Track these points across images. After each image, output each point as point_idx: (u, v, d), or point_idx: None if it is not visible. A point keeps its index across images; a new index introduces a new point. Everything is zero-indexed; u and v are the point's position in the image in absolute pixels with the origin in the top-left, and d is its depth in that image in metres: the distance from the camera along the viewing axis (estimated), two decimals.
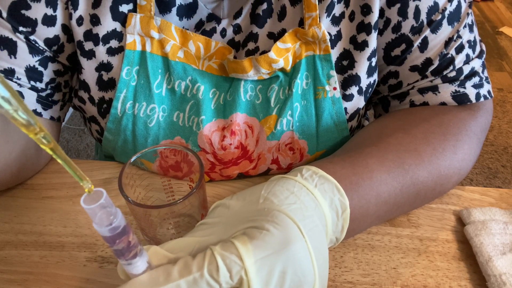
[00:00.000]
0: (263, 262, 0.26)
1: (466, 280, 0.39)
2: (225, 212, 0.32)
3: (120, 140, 0.47)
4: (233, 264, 0.26)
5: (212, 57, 0.46)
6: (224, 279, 0.25)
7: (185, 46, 0.45)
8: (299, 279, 0.27)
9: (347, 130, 0.48)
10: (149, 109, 0.45)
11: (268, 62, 0.44)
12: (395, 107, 0.51)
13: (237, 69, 0.44)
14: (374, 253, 0.41)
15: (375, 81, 0.48)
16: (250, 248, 0.26)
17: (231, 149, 0.46)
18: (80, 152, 1.70)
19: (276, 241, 0.27)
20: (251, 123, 0.47)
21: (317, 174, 0.34)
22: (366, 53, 0.45)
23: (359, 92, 0.47)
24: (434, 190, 0.42)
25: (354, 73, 0.46)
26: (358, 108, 0.48)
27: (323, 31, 0.43)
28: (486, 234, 0.40)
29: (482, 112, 0.47)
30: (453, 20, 0.44)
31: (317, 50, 0.45)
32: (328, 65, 0.45)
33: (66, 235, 0.42)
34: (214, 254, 0.26)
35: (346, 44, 0.46)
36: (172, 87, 0.45)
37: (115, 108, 0.45)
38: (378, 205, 0.37)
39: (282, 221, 0.28)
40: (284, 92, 0.46)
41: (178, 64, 0.45)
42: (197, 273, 0.25)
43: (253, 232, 0.28)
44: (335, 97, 0.46)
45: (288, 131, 0.46)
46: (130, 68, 0.44)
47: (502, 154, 1.67)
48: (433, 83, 0.47)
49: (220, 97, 0.47)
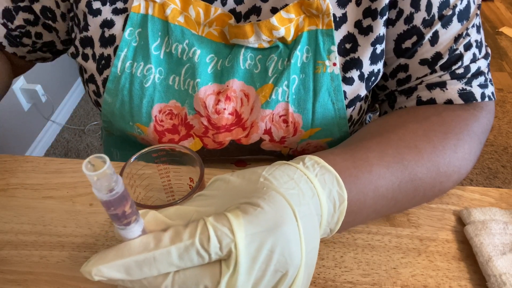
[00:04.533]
0: (253, 238, 0.26)
1: (466, 280, 0.39)
2: (223, 186, 0.32)
3: (118, 101, 0.48)
4: (224, 236, 0.26)
5: (212, 24, 0.47)
6: (214, 249, 0.26)
7: (185, 10, 0.46)
8: (285, 261, 0.27)
9: (344, 111, 0.48)
10: (146, 69, 0.46)
11: (269, 28, 0.44)
12: (401, 103, 0.50)
13: (238, 34, 0.45)
14: (374, 253, 0.41)
15: (380, 71, 0.48)
16: (242, 222, 0.26)
17: (225, 115, 0.47)
18: (80, 152, 1.70)
19: (269, 220, 0.27)
20: (247, 91, 0.47)
21: (319, 164, 0.34)
22: (370, 38, 0.45)
23: (360, 78, 0.47)
24: (433, 188, 0.42)
25: (356, 56, 0.46)
26: (359, 95, 0.48)
27: (327, 4, 0.44)
28: (486, 234, 0.40)
29: (485, 114, 0.47)
30: (463, 18, 0.45)
31: (319, 24, 0.45)
32: (329, 40, 0.45)
33: (66, 235, 0.42)
34: (207, 224, 0.26)
35: (351, 28, 0.46)
36: (169, 50, 0.47)
37: (115, 66, 0.47)
38: (376, 198, 0.37)
39: (278, 201, 0.29)
40: (282, 63, 0.46)
41: (177, 28, 0.46)
42: (188, 241, 0.25)
43: (247, 207, 0.28)
44: (334, 73, 0.46)
45: (283, 102, 0.46)
46: (133, 30, 0.47)
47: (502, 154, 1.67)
48: (442, 79, 0.47)
49: (218, 62, 0.47)
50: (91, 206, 0.45)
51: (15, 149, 1.56)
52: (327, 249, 0.41)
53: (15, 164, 0.51)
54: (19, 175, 0.49)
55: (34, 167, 0.50)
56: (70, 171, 0.49)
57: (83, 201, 0.46)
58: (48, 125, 1.75)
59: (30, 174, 0.49)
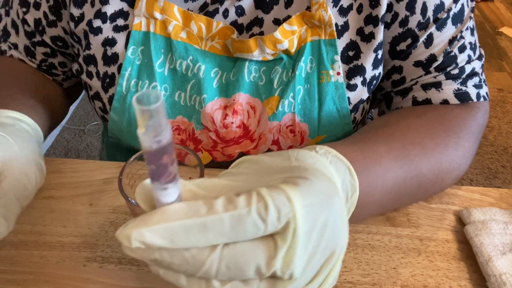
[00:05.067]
0: (309, 209, 0.24)
1: (466, 280, 0.39)
2: (253, 166, 0.29)
3: (125, 119, 0.48)
4: (283, 205, 0.23)
5: (214, 37, 0.47)
6: (272, 219, 0.23)
7: (187, 26, 0.46)
8: (334, 237, 0.25)
9: (348, 117, 0.48)
10: (151, 87, 0.47)
11: (273, 42, 0.44)
12: (397, 104, 0.51)
13: (242, 49, 0.45)
14: (374, 253, 0.41)
15: (380, 74, 0.49)
16: (298, 193, 0.24)
17: (233, 128, 0.47)
18: (80, 152, 1.70)
19: (322, 192, 0.26)
20: (253, 103, 0.47)
21: (330, 153, 0.32)
22: (373, 45, 0.46)
23: (363, 83, 0.47)
24: (434, 184, 0.42)
25: (359, 63, 0.46)
26: (362, 99, 0.48)
27: (329, 15, 0.44)
28: (486, 234, 0.40)
29: (481, 113, 0.48)
30: (457, 21, 0.46)
31: (322, 34, 0.46)
32: (332, 50, 0.46)
33: (66, 235, 0.42)
34: (262, 193, 0.23)
35: (353, 35, 0.46)
36: (174, 66, 0.47)
37: (120, 85, 0.47)
38: (383, 193, 0.37)
39: (323, 175, 0.27)
40: (287, 75, 0.47)
41: (180, 44, 0.47)
42: (244, 209, 0.22)
43: (296, 180, 0.25)
44: (338, 82, 0.46)
45: (290, 113, 0.47)
46: (136, 48, 0.47)
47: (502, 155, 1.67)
48: (437, 79, 0.47)
49: (223, 76, 0.48)
50: (91, 206, 0.45)
51: None
52: None
53: None
54: None
55: None
56: (70, 171, 0.49)
57: (83, 201, 0.46)
58: None
59: None
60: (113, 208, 0.45)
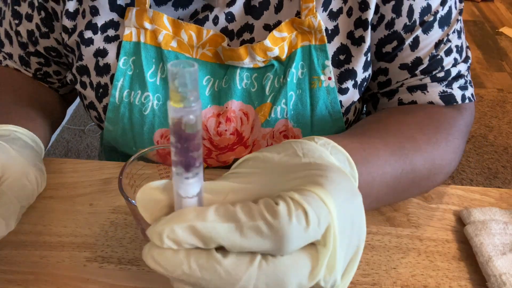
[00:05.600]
0: (339, 209, 0.23)
1: (466, 280, 0.39)
2: (260, 164, 0.27)
3: (119, 129, 0.49)
4: (321, 209, 0.21)
5: (205, 45, 0.47)
6: (314, 226, 0.21)
7: (177, 35, 0.46)
8: (359, 233, 0.25)
9: (341, 120, 0.48)
10: (144, 97, 0.47)
11: (263, 50, 0.44)
12: (383, 105, 0.51)
13: (233, 57, 0.45)
14: (374, 253, 0.41)
15: (370, 75, 0.49)
16: (328, 193, 0.22)
17: (227, 135, 0.47)
18: (80, 152, 1.70)
19: (346, 189, 0.24)
20: (246, 110, 0.48)
21: (329, 144, 0.31)
22: (363, 48, 0.46)
23: (354, 86, 0.47)
24: (427, 179, 0.42)
25: (350, 67, 0.47)
26: (353, 101, 0.48)
27: (319, 21, 0.44)
28: (486, 234, 0.40)
29: (468, 113, 0.49)
30: (444, 24, 0.46)
31: (312, 40, 0.46)
32: (323, 55, 0.46)
33: (66, 235, 0.42)
34: (295, 198, 0.21)
35: (343, 39, 0.46)
36: (165, 76, 0.47)
37: (113, 96, 0.47)
38: (381, 185, 0.37)
39: (338, 170, 0.26)
40: (279, 81, 0.47)
41: (171, 53, 0.47)
42: (285, 219, 0.20)
43: (318, 179, 0.23)
44: (330, 87, 0.46)
45: (282, 119, 0.47)
46: (127, 58, 0.47)
47: (502, 155, 1.67)
48: (422, 82, 0.48)
49: (215, 84, 0.48)
50: (91, 206, 0.45)
51: None
52: None
53: None
54: None
55: None
56: (70, 171, 0.49)
57: (83, 201, 0.46)
58: None
59: None
60: (113, 208, 0.45)
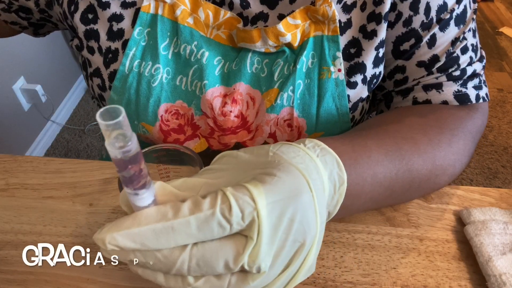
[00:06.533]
0: (274, 206, 0.26)
1: (466, 280, 0.39)
2: (232, 160, 0.31)
3: (124, 99, 0.48)
4: (246, 204, 0.25)
5: (220, 27, 0.47)
6: (236, 219, 0.24)
7: (195, 12, 0.47)
8: (304, 230, 0.27)
9: (347, 116, 0.48)
10: (154, 69, 0.47)
11: (276, 34, 0.44)
12: (397, 104, 0.51)
13: (246, 39, 0.46)
14: (374, 253, 0.41)
15: (381, 73, 0.49)
16: (262, 191, 0.26)
17: (231, 117, 0.47)
18: (80, 152, 1.70)
19: (288, 188, 0.27)
20: (253, 95, 0.48)
21: (319, 146, 0.34)
22: (375, 42, 0.46)
23: (363, 81, 0.47)
24: (428, 181, 0.42)
25: (360, 61, 0.46)
26: (361, 98, 0.48)
27: (333, 10, 0.44)
28: (486, 234, 0.40)
29: (479, 114, 0.48)
30: (460, 22, 0.46)
31: (325, 30, 0.46)
32: (335, 46, 0.46)
33: (66, 235, 0.42)
34: (227, 194, 0.25)
35: (355, 33, 0.46)
36: (178, 50, 0.47)
37: (123, 65, 0.47)
38: (374, 185, 0.37)
39: (293, 171, 0.28)
40: (288, 68, 0.47)
41: (186, 29, 0.47)
42: (209, 211, 0.24)
43: (263, 177, 0.27)
44: (339, 79, 0.46)
45: (288, 107, 0.47)
46: (142, 29, 0.47)
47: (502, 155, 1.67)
48: (438, 80, 0.47)
49: (225, 65, 0.48)
50: (91, 206, 0.45)
51: (15, 149, 1.56)
52: (327, 249, 0.41)
53: (15, 164, 0.51)
54: (19, 175, 0.49)
55: (34, 167, 0.50)
56: (70, 171, 0.49)
57: (83, 201, 0.46)
58: (48, 125, 1.75)
59: (30, 174, 0.49)
60: (113, 208, 0.45)
